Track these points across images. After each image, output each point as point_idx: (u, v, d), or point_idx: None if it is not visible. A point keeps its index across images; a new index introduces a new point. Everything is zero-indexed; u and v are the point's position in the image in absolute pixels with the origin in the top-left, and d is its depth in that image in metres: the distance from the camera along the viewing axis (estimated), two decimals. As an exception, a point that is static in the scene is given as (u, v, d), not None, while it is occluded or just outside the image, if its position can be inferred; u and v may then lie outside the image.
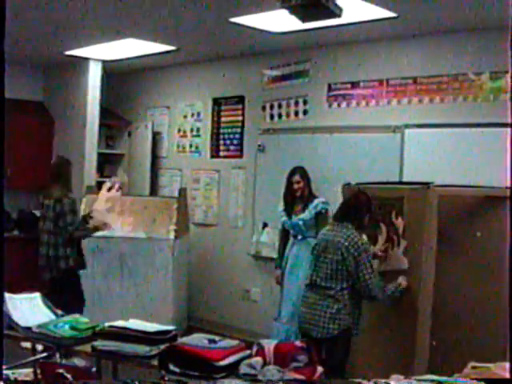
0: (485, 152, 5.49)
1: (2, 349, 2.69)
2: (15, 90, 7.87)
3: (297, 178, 6.30)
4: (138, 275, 6.77)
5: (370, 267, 4.37)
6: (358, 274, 4.36)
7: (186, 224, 7.27)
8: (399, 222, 4.66)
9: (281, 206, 6.45)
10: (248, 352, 3.20)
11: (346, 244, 4.37)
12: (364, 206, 4.59)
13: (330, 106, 6.70)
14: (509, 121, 4.99)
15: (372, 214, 4.60)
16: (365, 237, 4.58)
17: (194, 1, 5.29)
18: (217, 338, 3.28)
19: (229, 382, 2.96)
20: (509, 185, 4.42)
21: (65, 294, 5.83)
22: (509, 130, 4.81)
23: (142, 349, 3.28)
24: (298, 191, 6.30)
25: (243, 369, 3.03)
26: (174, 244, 6.79)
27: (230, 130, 7.68)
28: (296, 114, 6.99)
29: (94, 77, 8.00)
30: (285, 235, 6.52)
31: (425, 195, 4.61)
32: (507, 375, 2.67)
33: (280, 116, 7.13)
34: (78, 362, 4.29)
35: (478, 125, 5.57)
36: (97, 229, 5.98)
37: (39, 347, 4.13)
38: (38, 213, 8.31)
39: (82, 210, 6.97)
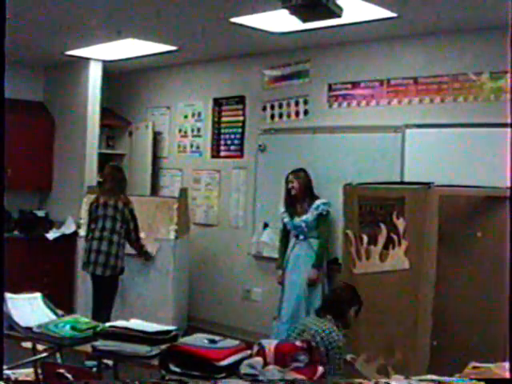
0: (485, 152, 5.49)
1: (2, 349, 2.69)
2: (16, 90, 7.88)
3: (290, 177, 6.35)
4: (138, 275, 6.77)
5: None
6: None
7: (186, 224, 7.27)
8: (400, 222, 4.66)
9: (282, 207, 6.46)
10: (248, 352, 3.20)
11: (325, 338, 4.11)
12: (346, 301, 4.32)
13: (330, 106, 6.70)
14: (509, 121, 5.00)
15: (360, 306, 4.31)
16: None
17: (195, 1, 5.29)
18: (217, 337, 3.28)
19: (230, 382, 2.96)
20: (509, 185, 4.43)
21: (104, 292, 6.08)
22: (509, 130, 4.81)
23: (142, 349, 3.28)
24: (291, 190, 6.33)
25: (244, 369, 3.03)
26: (174, 244, 6.79)
27: (230, 130, 7.68)
28: (297, 114, 6.99)
29: (94, 77, 7.99)
30: (285, 235, 6.53)
31: (426, 195, 4.61)
32: (507, 375, 2.67)
33: (280, 116, 7.13)
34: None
35: (479, 125, 5.57)
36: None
37: (40, 347, 4.13)
38: (39, 213, 8.38)
39: (83, 209, 6.99)
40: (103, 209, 6.18)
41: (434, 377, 2.88)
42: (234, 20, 5.75)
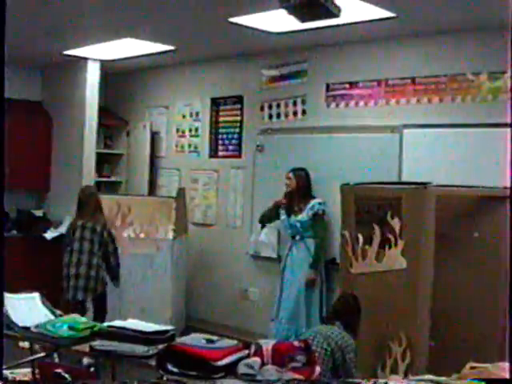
0: (483, 152, 5.50)
1: (2, 349, 2.69)
2: (14, 90, 7.85)
3: (289, 175, 6.37)
4: (136, 275, 6.77)
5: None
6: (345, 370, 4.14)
7: (184, 224, 7.27)
8: (395, 222, 4.65)
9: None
10: (246, 352, 3.19)
11: (339, 342, 4.13)
12: (354, 310, 4.39)
13: (328, 106, 6.70)
14: (507, 121, 5.00)
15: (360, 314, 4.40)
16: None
17: (193, 1, 5.29)
18: (215, 337, 3.28)
19: (227, 382, 2.96)
20: (508, 185, 4.43)
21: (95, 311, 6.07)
22: (508, 130, 4.81)
23: (140, 349, 3.28)
24: (287, 187, 6.35)
25: (241, 369, 3.02)
26: (172, 244, 6.79)
27: (228, 130, 7.68)
28: (294, 113, 6.99)
29: (92, 76, 8.00)
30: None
31: (423, 195, 4.61)
32: (507, 375, 2.67)
33: (278, 116, 7.13)
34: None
35: (477, 125, 5.57)
36: None
37: (38, 347, 4.12)
38: (36, 213, 8.38)
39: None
40: (81, 231, 6.04)
41: (432, 377, 2.88)
42: (232, 20, 5.74)
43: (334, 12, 3.73)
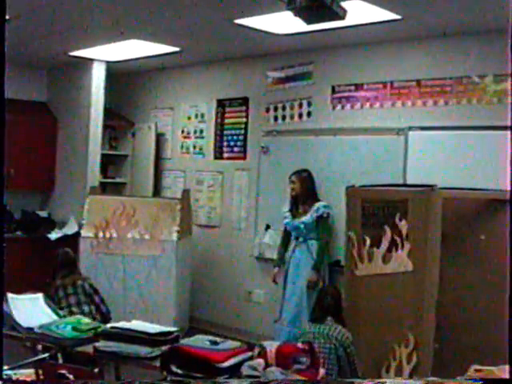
0: (489, 155, 5.48)
1: (2, 349, 2.69)
2: (19, 91, 7.89)
3: (292, 178, 6.36)
4: (140, 276, 6.77)
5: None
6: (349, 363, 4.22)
7: (189, 225, 7.27)
8: (403, 225, 4.65)
9: (285, 207, 6.47)
10: (250, 354, 3.20)
11: (339, 337, 4.20)
12: (339, 300, 4.49)
13: (333, 108, 6.69)
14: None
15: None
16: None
17: (199, 2, 5.29)
18: (219, 339, 3.29)
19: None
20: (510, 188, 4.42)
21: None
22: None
23: (144, 350, 3.29)
24: (292, 191, 6.34)
25: (245, 370, 3.02)
26: (176, 245, 6.79)
27: (233, 132, 7.67)
28: (300, 115, 6.98)
29: (97, 78, 7.99)
30: (286, 236, 6.53)
31: (429, 198, 4.61)
32: (507, 376, 2.67)
33: (284, 118, 7.12)
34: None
35: (482, 127, 5.56)
36: None
37: (41, 347, 4.12)
38: (41, 213, 8.38)
39: (85, 210, 6.99)
40: (63, 290, 5.66)
41: (433, 378, 2.88)
42: (237, 21, 5.74)
43: (339, 14, 3.73)
